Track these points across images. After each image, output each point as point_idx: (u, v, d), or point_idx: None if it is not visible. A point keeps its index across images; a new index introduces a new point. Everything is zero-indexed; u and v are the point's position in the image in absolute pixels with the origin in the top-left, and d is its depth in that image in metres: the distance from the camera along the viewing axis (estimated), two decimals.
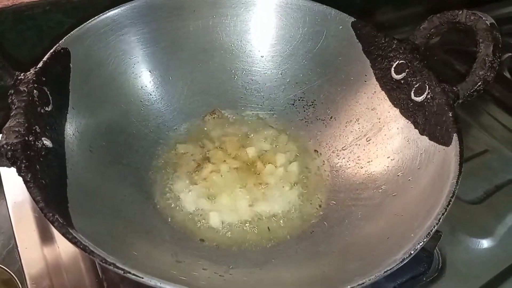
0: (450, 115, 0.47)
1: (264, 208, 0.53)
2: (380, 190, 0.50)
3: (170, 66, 0.61)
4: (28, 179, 0.38)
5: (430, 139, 0.48)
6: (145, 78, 0.59)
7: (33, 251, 0.52)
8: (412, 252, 0.37)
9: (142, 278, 0.32)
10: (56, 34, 0.68)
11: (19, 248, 0.53)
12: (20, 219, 0.55)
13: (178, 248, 0.46)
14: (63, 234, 0.34)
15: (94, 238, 0.36)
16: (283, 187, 0.55)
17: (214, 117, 0.63)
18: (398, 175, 0.50)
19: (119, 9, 0.56)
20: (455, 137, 0.45)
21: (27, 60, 0.68)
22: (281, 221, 0.53)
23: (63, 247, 0.53)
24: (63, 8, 0.67)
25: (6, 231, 0.58)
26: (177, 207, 0.53)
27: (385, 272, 0.35)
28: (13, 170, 0.41)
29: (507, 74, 0.80)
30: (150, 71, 0.60)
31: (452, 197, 0.40)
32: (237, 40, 0.63)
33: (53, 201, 0.38)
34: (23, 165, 0.38)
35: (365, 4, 0.95)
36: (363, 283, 0.34)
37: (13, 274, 0.50)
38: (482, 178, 0.66)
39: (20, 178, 0.55)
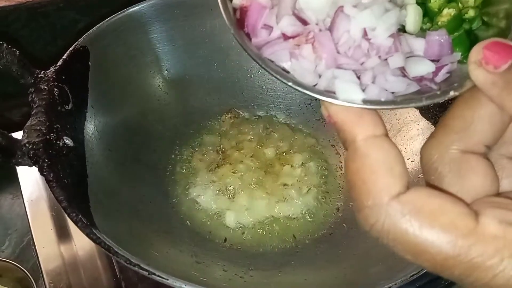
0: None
1: (282, 209, 0.53)
2: None
3: (186, 65, 0.61)
4: (51, 179, 0.38)
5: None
6: (162, 77, 0.59)
7: (50, 249, 0.53)
8: None
9: (167, 280, 0.33)
10: (70, 32, 0.68)
11: (36, 246, 0.53)
12: (37, 217, 0.56)
13: (198, 249, 0.46)
14: (87, 235, 0.35)
15: (115, 238, 0.36)
16: (301, 188, 0.55)
17: (230, 117, 0.63)
18: (419, 177, 0.49)
19: (137, 7, 0.56)
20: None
21: (40, 57, 0.68)
22: (300, 223, 0.52)
23: (80, 245, 0.53)
24: (76, 5, 0.67)
25: (20, 228, 0.59)
26: (195, 207, 0.53)
27: (411, 276, 0.35)
28: (29, 168, 0.41)
29: None
30: (167, 70, 0.60)
31: None
32: None
33: (75, 200, 0.38)
34: (45, 164, 0.38)
35: None
36: (390, 287, 0.34)
37: (27, 272, 0.51)
38: None
39: (39, 176, 0.57)
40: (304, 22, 0.25)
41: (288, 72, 0.24)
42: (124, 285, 0.48)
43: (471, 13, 0.26)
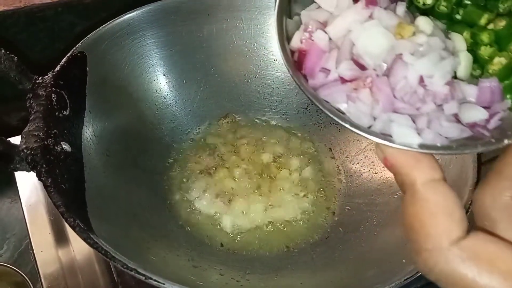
0: None
1: (279, 213, 0.53)
2: (396, 196, 0.50)
3: (184, 69, 0.61)
4: (49, 184, 0.38)
5: None
6: (159, 82, 0.60)
7: (48, 254, 0.53)
8: None
9: (164, 284, 0.33)
10: (68, 35, 0.69)
11: (34, 251, 0.54)
12: (35, 222, 0.56)
13: (195, 253, 0.46)
14: (85, 240, 0.35)
15: (112, 243, 0.37)
16: (297, 192, 0.55)
17: (227, 121, 0.63)
18: None
19: (134, 13, 0.56)
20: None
21: (38, 61, 0.69)
22: (296, 227, 0.53)
23: (77, 250, 0.54)
24: (74, 9, 0.67)
25: (18, 233, 0.59)
26: (192, 211, 0.53)
27: (405, 280, 0.36)
28: (27, 173, 0.41)
29: None
30: (164, 75, 0.60)
31: (471, 204, 0.40)
32: (250, 43, 0.63)
33: (73, 205, 0.38)
34: (43, 170, 0.39)
35: None
36: None
37: (25, 276, 0.51)
38: None
39: (37, 181, 0.57)
40: (361, 67, 0.26)
41: (343, 113, 0.26)
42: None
43: None
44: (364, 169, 0.57)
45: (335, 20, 0.27)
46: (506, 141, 0.24)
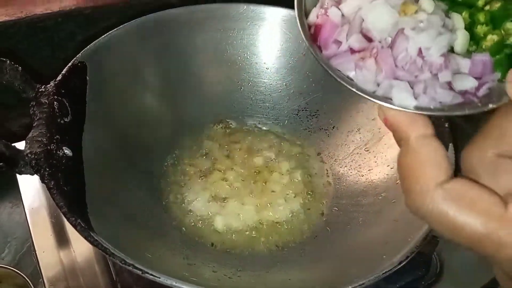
0: (446, 125, 0.49)
1: (270, 214, 0.55)
2: (380, 197, 0.53)
3: (180, 78, 0.63)
4: (52, 186, 0.40)
5: None
6: (156, 89, 0.62)
7: (50, 255, 0.55)
8: (409, 255, 0.39)
9: (159, 278, 0.35)
10: (68, 45, 0.71)
11: (36, 252, 0.55)
12: (37, 225, 0.58)
13: (189, 252, 0.48)
14: (85, 237, 0.37)
15: (111, 241, 0.39)
16: (288, 194, 0.57)
17: (221, 127, 0.65)
18: (397, 183, 0.52)
19: (131, 24, 0.58)
20: (450, 146, 0.47)
21: (39, 69, 0.69)
22: (286, 227, 0.55)
23: (78, 251, 0.55)
24: (74, 20, 0.69)
25: (19, 236, 0.61)
26: (187, 212, 0.55)
27: (383, 273, 0.38)
28: (30, 177, 0.43)
29: None
30: (161, 82, 0.62)
31: None
32: (243, 52, 0.65)
33: (74, 206, 0.40)
34: (46, 173, 0.41)
35: None
36: (363, 284, 0.37)
37: (27, 278, 0.53)
38: None
39: (39, 185, 0.59)
40: (369, 40, 0.30)
41: (352, 80, 0.30)
42: (120, 287, 0.51)
43: None
44: (351, 172, 0.59)
45: None
46: (490, 105, 0.27)
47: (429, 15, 0.30)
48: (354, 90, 0.29)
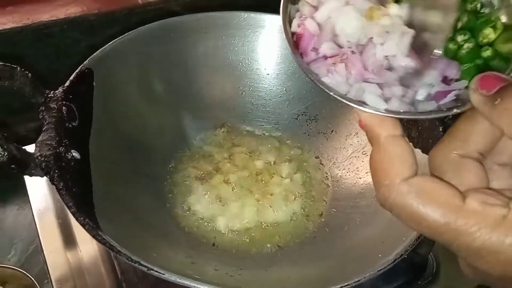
0: (441, 129, 0.51)
1: (270, 216, 0.57)
2: None
3: (183, 83, 0.65)
4: (61, 187, 0.41)
5: (423, 151, 0.51)
6: (160, 95, 0.63)
7: (57, 255, 0.56)
8: (403, 253, 0.41)
9: (164, 274, 0.37)
10: (73, 51, 0.72)
11: (44, 252, 0.56)
12: (44, 226, 0.59)
13: (193, 251, 0.49)
14: (94, 236, 0.39)
15: (118, 240, 0.40)
16: (287, 196, 0.59)
17: (223, 131, 0.67)
18: None
19: (137, 31, 0.60)
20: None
21: (45, 75, 0.71)
22: (286, 227, 0.56)
23: (85, 251, 0.56)
24: (79, 26, 0.71)
25: (25, 238, 0.62)
26: (190, 214, 0.56)
27: (378, 271, 0.39)
28: (37, 180, 0.45)
29: None
30: (164, 88, 0.64)
31: None
32: (244, 59, 0.67)
33: (83, 206, 0.42)
34: (56, 175, 0.42)
35: None
36: (359, 280, 0.38)
37: (33, 279, 0.53)
38: None
39: (46, 188, 0.61)
40: (340, 46, 0.32)
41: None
42: (125, 286, 0.52)
43: (488, 52, 0.32)
44: (349, 175, 0.61)
45: (321, 7, 0.34)
46: (455, 110, 0.30)
47: (393, 17, 0.32)
48: (331, 94, 0.30)
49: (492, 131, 0.29)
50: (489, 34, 0.32)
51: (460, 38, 0.33)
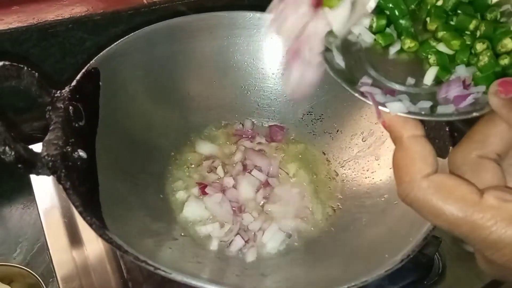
0: (447, 129, 0.51)
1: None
2: (383, 199, 0.54)
3: (188, 83, 0.65)
4: (68, 187, 0.41)
5: None
6: (165, 95, 0.63)
7: (63, 254, 0.56)
8: (410, 254, 0.41)
9: (171, 273, 0.37)
10: (78, 50, 0.72)
11: (50, 251, 0.56)
12: (50, 225, 0.59)
13: (199, 251, 0.50)
14: (101, 235, 0.39)
15: (124, 239, 0.40)
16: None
17: (227, 131, 0.67)
18: None
19: (143, 31, 0.60)
20: (451, 150, 0.49)
21: (50, 73, 0.72)
22: (292, 227, 0.56)
23: (90, 250, 0.57)
24: (84, 26, 0.71)
25: (30, 237, 0.62)
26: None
27: (385, 271, 0.39)
28: (43, 179, 0.44)
29: None
30: (170, 88, 0.64)
31: None
32: (249, 58, 0.67)
33: (89, 206, 0.42)
34: (63, 174, 0.42)
35: None
36: (366, 281, 0.38)
37: (38, 277, 0.54)
38: None
39: (52, 187, 0.61)
40: None
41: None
42: (131, 285, 0.52)
43: (506, 61, 0.33)
44: (355, 174, 0.60)
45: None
46: (474, 113, 0.31)
47: None
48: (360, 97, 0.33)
49: (509, 134, 0.31)
50: (508, 44, 0.33)
51: (479, 46, 0.34)
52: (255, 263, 0.50)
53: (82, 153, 0.46)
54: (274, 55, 0.67)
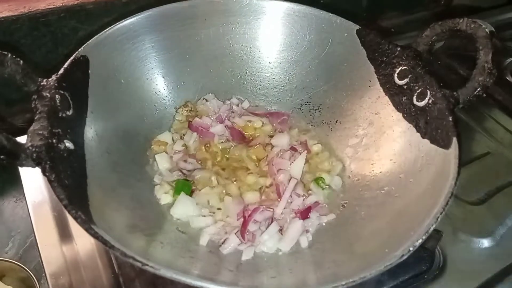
0: (450, 119, 0.48)
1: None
2: (383, 191, 0.52)
3: (182, 72, 0.64)
4: (52, 179, 0.40)
5: (431, 142, 0.50)
6: (159, 84, 0.62)
7: (52, 248, 0.55)
8: (411, 249, 0.39)
9: (159, 270, 0.35)
10: (70, 40, 0.71)
11: (39, 246, 0.55)
12: (39, 219, 0.58)
13: (191, 246, 0.48)
14: (86, 230, 0.37)
15: (112, 234, 0.38)
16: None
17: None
18: (400, 177, 0.51)
19: (134, 18, 0.58)
20: (454, 140, 0.46)
21: (42, 64, 0.71)
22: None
23: (81, 245, 0.55)
24: (77, 15, 0.70)
25: (23, 231, 0.61)
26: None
27: (385, 267, 0.37)
28: (33, 171, 0.43)
29: (509, 78, 0.81)
30: (163, 77, 0.62)
31: (450, 197, 0.42)
32: (246, 47, 0.65)
33: (76, 199, 0.40)
34: (47, 166, 0.40)
35: (371, 9, 0.97)
36: (365, 277, 0.36)
37: (30, 272, 0.52)
38: (484, 179, 0.67)
39: (41, 179, 0.59)
40: None
41: None
42: (122, 281, 0.51)
43: None
44: (353, 166, 0.59)
45: None
46: None
47: None
48: None
49: None
50: None
51: None
52: (250, 260, 0.49)
53: (69, 144, 0.45)
54: (271, 43, 0.65)
